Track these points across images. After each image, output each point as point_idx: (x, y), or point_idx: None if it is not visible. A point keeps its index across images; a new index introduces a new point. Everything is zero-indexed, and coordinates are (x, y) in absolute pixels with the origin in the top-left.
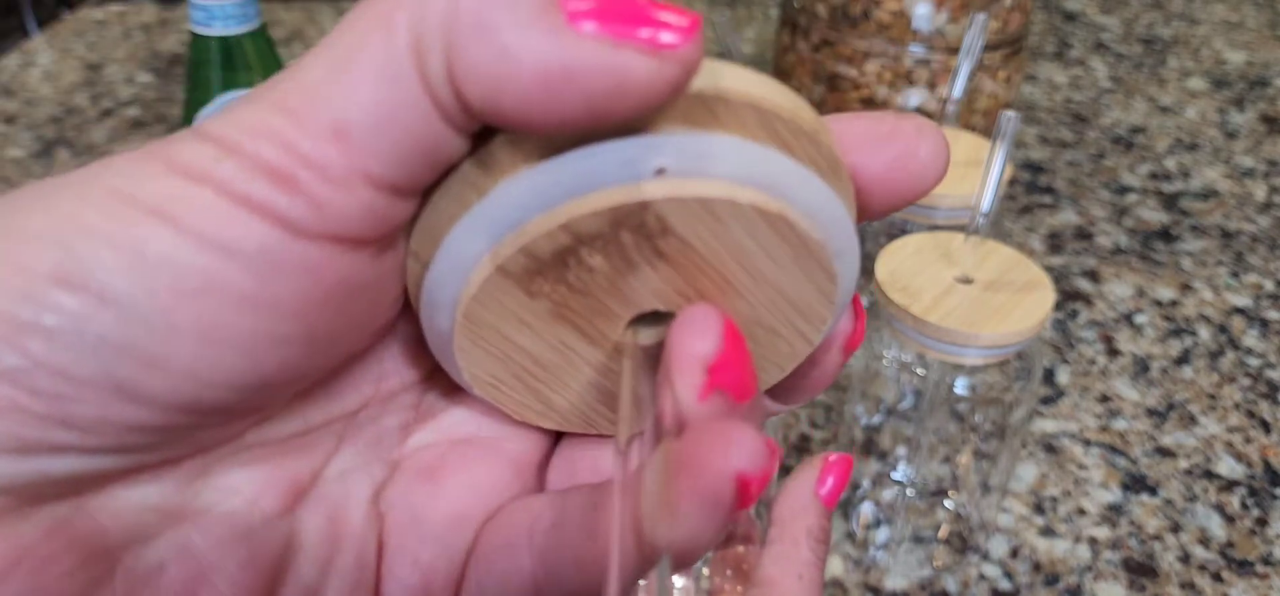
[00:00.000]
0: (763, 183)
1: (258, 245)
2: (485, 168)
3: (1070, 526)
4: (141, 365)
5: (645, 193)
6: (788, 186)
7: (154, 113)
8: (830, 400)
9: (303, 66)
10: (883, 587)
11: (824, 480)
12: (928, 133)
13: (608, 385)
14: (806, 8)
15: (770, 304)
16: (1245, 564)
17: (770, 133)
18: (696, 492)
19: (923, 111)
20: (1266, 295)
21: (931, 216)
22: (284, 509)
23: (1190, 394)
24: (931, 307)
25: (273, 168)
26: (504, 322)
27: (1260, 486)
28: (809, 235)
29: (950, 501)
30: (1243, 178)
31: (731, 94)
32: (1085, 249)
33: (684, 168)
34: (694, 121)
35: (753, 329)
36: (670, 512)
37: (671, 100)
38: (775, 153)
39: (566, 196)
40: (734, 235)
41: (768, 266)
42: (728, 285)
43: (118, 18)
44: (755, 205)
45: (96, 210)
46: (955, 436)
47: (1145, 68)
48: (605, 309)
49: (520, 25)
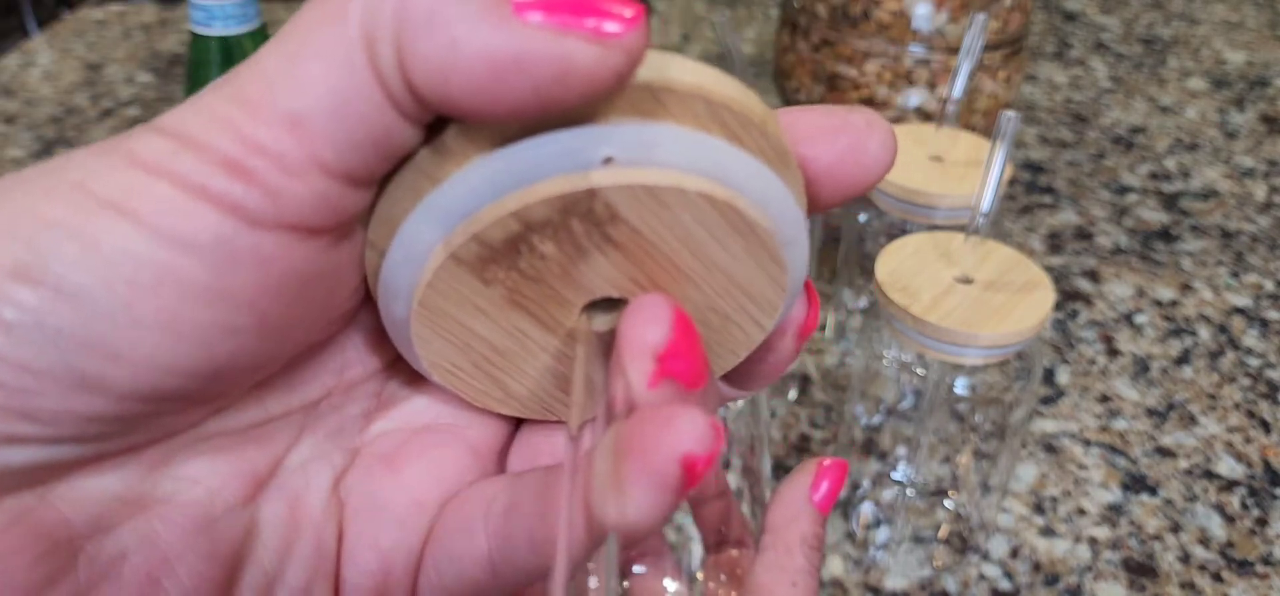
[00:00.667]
0: (711, 171)
1: (213, 236)
2: (438, 156)
3: (1070, 526)
4: (101, 357)
5: (592, 181)
6: (736, 175)
7: (154, 113)
8: (830, 400)
9: (258, 58)
10: (883, 587)
11: (818, 485)
12: (877, 126)
13: (565, 372)
14: (806, 8)
15: (722, 291)
16: (1245, 564)
17: (719, 123)
18: (643, 472)
19: (923, 112)
20: (1266, 295)
21: (931, 216)
22: (245, 498)
23: (1190, 394)
24: (931, 307)
25: (228, 159)
26: (460, 310)
27: (1260, 486)
28: (758, 223)
29: (950, 501)
30: (1243, 178)
31: (679, 85)
32: (1085, 249)
33: (631, 157)
34: (642, 111)
35: (706, 315)
36: (618, 492)
37: (619, 90)
38: (723, 142)
39: (517, 185)
40: (683, 223)
41: (718, 254)
42: (679, 272)
43: (118, 18)
44: (703, 193)
45: (56, 204)
46: (955, 436)
47: (1145, 68)
48: (559, 296)
49: (469, 18)
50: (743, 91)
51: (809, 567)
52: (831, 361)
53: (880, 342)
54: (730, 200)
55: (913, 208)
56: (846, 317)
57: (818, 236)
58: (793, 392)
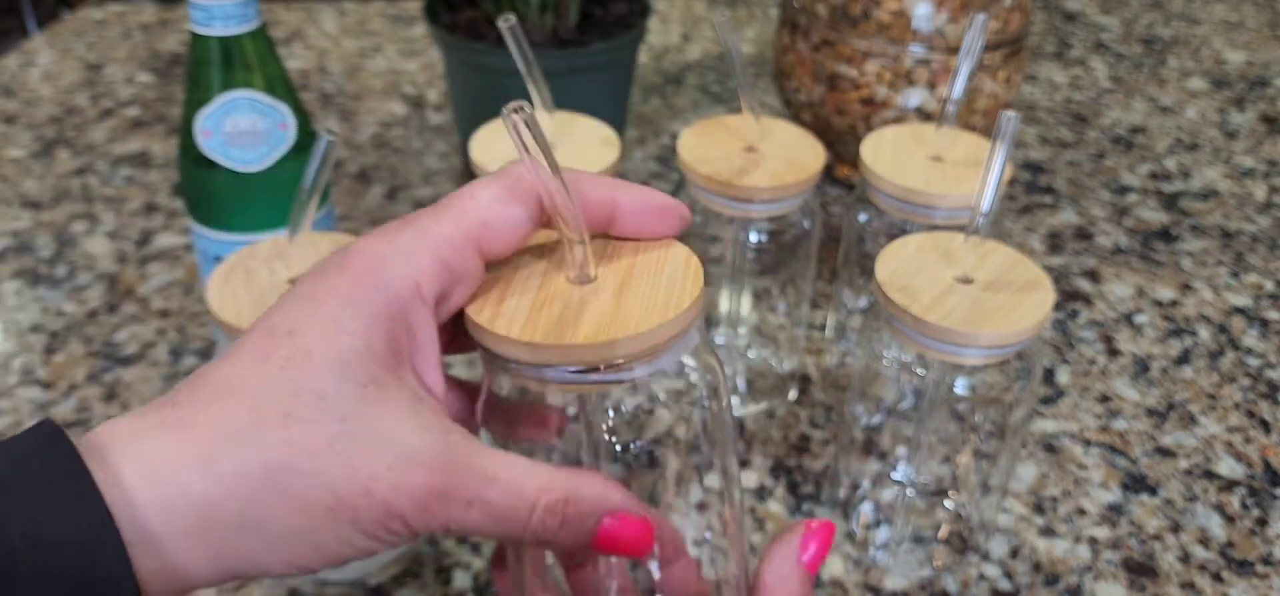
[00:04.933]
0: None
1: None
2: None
3: (1070, 526)
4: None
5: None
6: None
7: (154, 113)
8: (830, 400)
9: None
10: (883, 587)
11: (806, 547)
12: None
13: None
14: (806, 8)
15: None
16: (1245, 564)
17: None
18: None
19: (923, 112)
20: (1266, 295)
21: (931, 216)
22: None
23: (1190, 394)
24: (931, 307)
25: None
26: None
27: (1260, 486)
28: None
29: (950, 501)
30: (1243, 178)
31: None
32: (1085, 249)
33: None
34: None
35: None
36: None
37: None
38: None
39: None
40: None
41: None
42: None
43: (118, 18)
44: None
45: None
46: (955, 436)
47: (1145, 68)
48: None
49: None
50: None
51: None
52: (831, 361)
53: (880, 342)
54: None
55: (913, 208)
56: (846, 317)
57: (818, 236)
58: (793, 392)
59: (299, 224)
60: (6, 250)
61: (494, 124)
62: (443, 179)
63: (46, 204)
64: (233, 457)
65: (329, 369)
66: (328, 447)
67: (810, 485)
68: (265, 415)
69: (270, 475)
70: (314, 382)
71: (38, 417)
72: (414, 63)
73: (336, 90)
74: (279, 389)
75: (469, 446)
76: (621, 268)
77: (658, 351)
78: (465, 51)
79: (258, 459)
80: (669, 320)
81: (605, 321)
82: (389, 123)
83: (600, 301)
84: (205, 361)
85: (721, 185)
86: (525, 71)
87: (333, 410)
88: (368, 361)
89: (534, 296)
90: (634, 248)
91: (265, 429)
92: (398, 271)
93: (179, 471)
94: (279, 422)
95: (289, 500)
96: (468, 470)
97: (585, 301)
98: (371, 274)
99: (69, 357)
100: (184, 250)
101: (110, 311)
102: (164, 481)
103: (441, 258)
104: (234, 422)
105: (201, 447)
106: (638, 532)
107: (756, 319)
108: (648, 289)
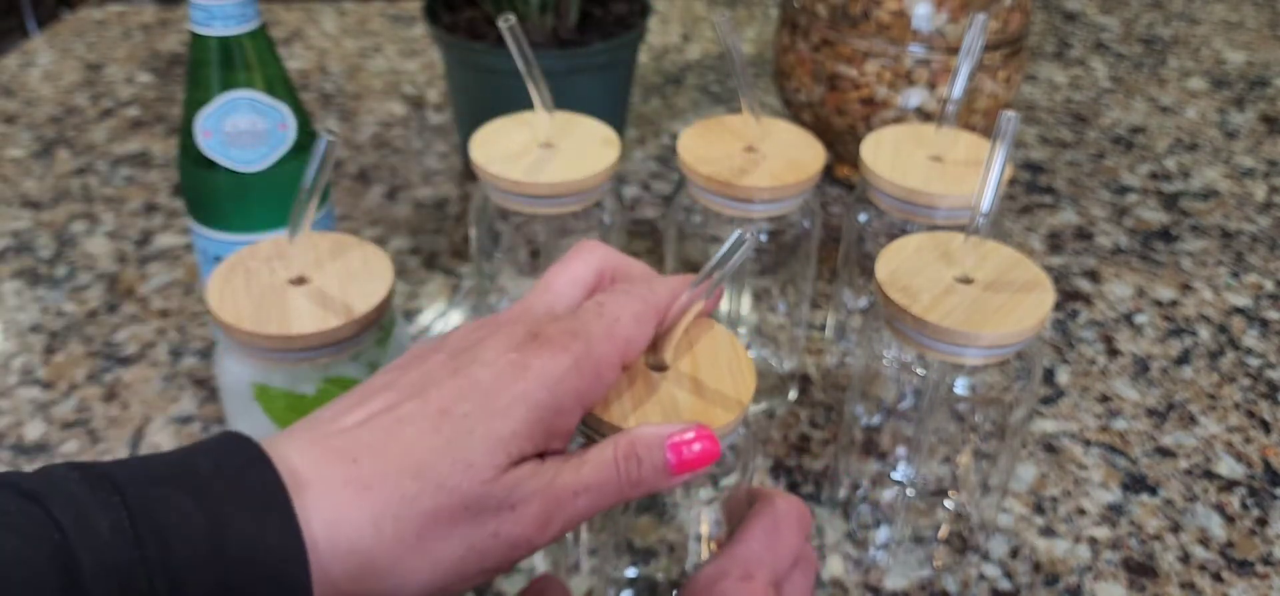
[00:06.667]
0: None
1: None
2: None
3: (1070, 526)
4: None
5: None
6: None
7: (154, 112)
8: (830, 400)
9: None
10: (883, 587)
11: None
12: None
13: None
14: (806, 8)
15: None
16: (1245, 564)
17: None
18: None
19: (923, 112)
20: (1266, 295)
21: (931, 216)
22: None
23: (1190, 394)
24: (931, 307)
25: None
26: None
27: (1260, 486)
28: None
29: (950, 501)
30: (1243, 178)
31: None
32: (1085, 249)
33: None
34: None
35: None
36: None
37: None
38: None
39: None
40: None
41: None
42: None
43: (118, 18)
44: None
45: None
46: (955, 436)
47: (1145, 68)
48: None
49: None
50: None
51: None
52: (831, 361)
53: (880, 342)
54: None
55: (913, 208)
56: (846, 318)
57: (818, 236)
58: (793, 392)
59: (299, 224)
60: (6, 250)
61: (494, 124)
62: (443, 179)
63: (46, 204)
64: (395, 523)
65: (485, 444)
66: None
67: (810, 485)
68: (426, 484)
69: (423, 537)
70: (467, 455)
71: (38, 418)
72: (414, 63)
73: (336, 90)
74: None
75: (562, 468)
76: (686, 359)
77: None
78: (465, 51)
79: (413, 525)
80: (735, 418)
81: (686, 413)
82: (389, 123)
83: (681, 390)
84: (205, 361)
85: (721, 185)
86: (525, 71)
87: (478, 476)
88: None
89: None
90: (689, 338)
91: (424, 496)
92: (573, 406)
93: (355, 529)
94: (433, 492)
95: (431, 556)
96: (562, 486)
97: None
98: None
99: (69, 357)
100: (184, 250)
101: (110, 311)
102: (342, 535)
103: (606, 383)
104: (403, 492)
105: (376, 511)
106: (703, 440)
107: (756, 319)
108: (714, 380)
